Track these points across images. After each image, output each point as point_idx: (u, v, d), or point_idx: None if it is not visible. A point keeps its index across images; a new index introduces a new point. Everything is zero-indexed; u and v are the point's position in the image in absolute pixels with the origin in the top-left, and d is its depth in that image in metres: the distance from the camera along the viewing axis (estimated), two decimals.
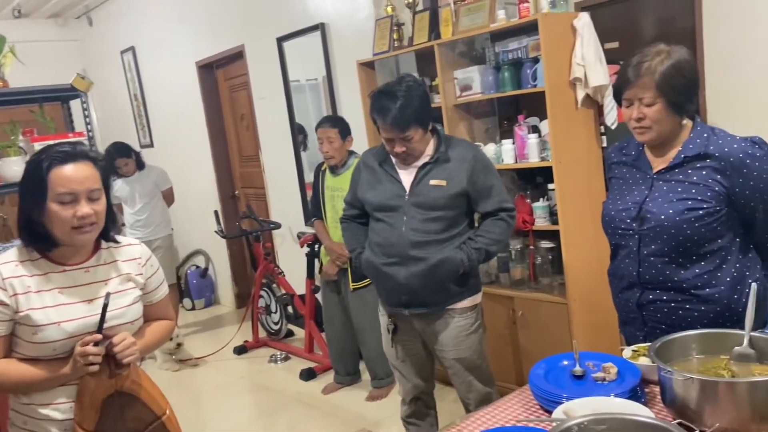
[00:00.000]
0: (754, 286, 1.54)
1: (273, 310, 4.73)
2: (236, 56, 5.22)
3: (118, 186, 4.82)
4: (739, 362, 1.47)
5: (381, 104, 2.24)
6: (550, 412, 1.52)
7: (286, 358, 4.50)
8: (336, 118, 3.65)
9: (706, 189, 1.68)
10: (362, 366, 3.88)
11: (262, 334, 4.87)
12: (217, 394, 4.17)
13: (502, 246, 2.49)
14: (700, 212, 1.68)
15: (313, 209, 3.72)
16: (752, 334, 1.48)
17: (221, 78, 5.66)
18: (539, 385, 1.62)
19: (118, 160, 4.72)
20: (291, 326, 4.81)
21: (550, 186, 3.05)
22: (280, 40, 4.63)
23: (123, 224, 4.99)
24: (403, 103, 2.20)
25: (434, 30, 3.28)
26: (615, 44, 3.98)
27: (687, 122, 1.77)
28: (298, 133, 4.75)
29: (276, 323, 4.75)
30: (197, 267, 6.21)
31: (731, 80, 3.65)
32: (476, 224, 2.47)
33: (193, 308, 6.12)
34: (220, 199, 5.80)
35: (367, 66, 3.68)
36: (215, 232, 5.02)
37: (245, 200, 5.71)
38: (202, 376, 4.51)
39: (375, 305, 3.58)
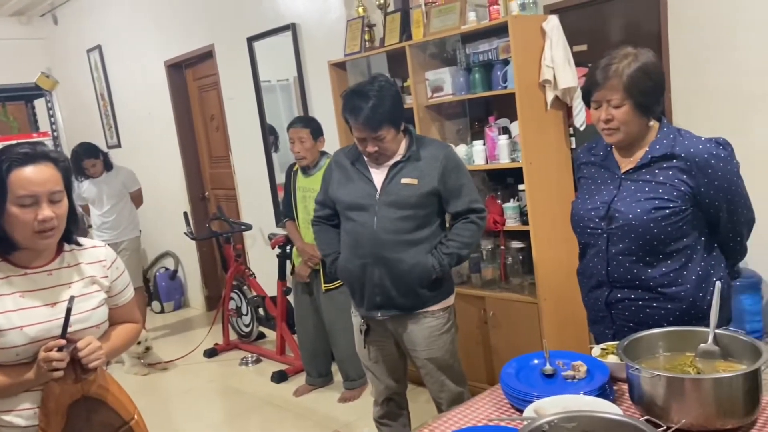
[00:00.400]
0: (718, 284, 1.58)
1: (244, 312, 4.68)
2: (206, 56, 5.15)
3: (86, 187, 4.72)
4: (704, 359, 1.50)
5: (353, 104, 2.23)
6: (521, 411, 1.53)
7: (258, 361, 4.46)
8: (308, 118, 3.63)
9: (673, 189, 1.72)
10: (334, 367, 3.86)
11: (232, 336, 4.82)
12: (187, 398, 4.11)
13: (474, 248, 2.50)
14: (667, 211, 1.71)
15: (285, 210, 3.69)
16: (716, 331, 1.52)
17: (190, 78, 5.59)
18: (510, 384, 1.63)
19: (85, 160, 4.63)
20: (262, 328, 4.77)
21: (521, 187, 3.08)
22: (251, 40, 4.59)
23: (90, 226, 4.89)
24: (375, 102, 2.19)
25: (405, 31, 3.29)
26: (583, 47, 4.05)
27: (654, 123, 1.80)
28: (269, 134, 4.71)
29: (247, 325, 4.71)
30: (166, 269, 6.12)
31: (696, 83, 3.73)
32: (447, 224, 2.48)
33: (162, 311, 6.03)
34: (190, 201, 5.72)
35: (339, 66, 3.67)
36: (185, 233, 4.95)
37: (215, 201, 5.64)
38: (171, 379, 4.44)
39: (347, 306, 3.56)
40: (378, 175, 2.33)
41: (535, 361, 1.76)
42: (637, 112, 1.73)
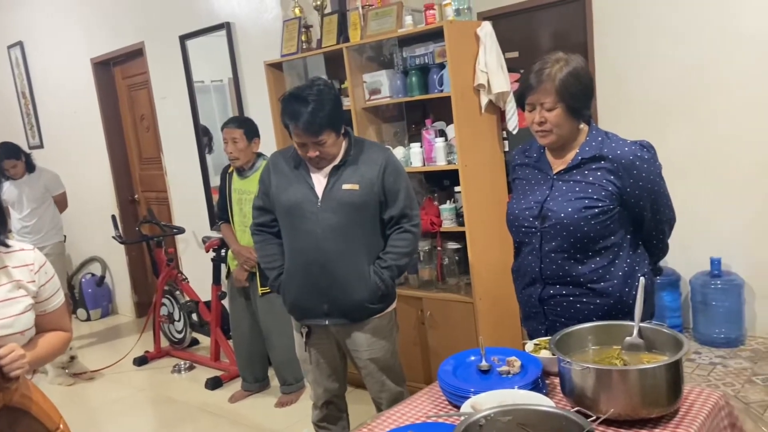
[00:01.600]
0: (642, 279, 1.66)
1: (176, 318, 4.54)
2: (135, 54, 4.99)
3: (6, 189, 4.48)
4: (630, 351, 1.57)
5: (292, 108, 2.18)
6: (458, 407, 1.56)
7: (191, 368, 4.34)
8: (242, 118, 3.57)
9: (601, 189, 1.79)
10: (271, 372, 3.80)
11: (164, 343, 4.67)
12: (116, 408, 3.95)
13: (412, 257, 2.48)
14: (596, 210, 1.78)
15: (220, 212, 3.62)
16: (641, 325, 1.59)
17: (119, 76, 5.40)
18: (447, 381, 1.65)
19: (5, 161, 4.41)
20: (196, 334, 4.64)
21: (457, 188, 3.14)
22: (183, 39, 4.47)
23: (10, 230, 4.62)
24: (314, 107, 2.15)
25: (343, 33, 3.29)
26: (515, 54, 4.18)
27: (583, 126, 1.87)
28: (202, 135, 4.61)
29: (179, 332, 4.57)
30: (93, 275, 5.88)
31: (619, 90, 3.92)
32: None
33: (88, 319, 5.78)
34: (119, 203, 5.52)
35: (275, 67, 3.63)
36: (113, 237, 4.78)
37: (146, 204, 5.46)
38: (98, 390, 4.26)
39: (284, 309, 3.53)
40: (319, 181, 2.29)
41: (472, 358, 1.79)
42: (568, 115, 1.79)
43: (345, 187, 2.26)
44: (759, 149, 3.49)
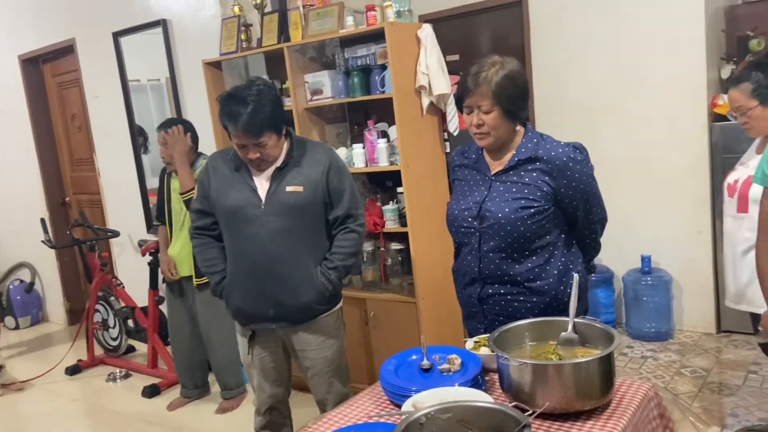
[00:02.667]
0: (576, 277, 1.71)
1: (111, 324, 4.38)
2: (66, 50, 4.80)
3: None
4: (565, 347, 1.62)
5: (231, 109, 2.12)
6: (400, 407, 1.57)
7: (127, 376, 4.20)
8: (179, 120, 3.47)
9: (536, 189, 1.84)
10: (211, 378, 3.72)
11: (98, 351, 4.50)
12: (47, 420, 3.77)
13: (358, 257, 2.45)
14: (532, 210, 1.82)
15: (158, 214, 3.51)
16: (575, 320, 1.64)
17: (49, 74, 5.18)
18: (389, 381, 1.66)
19: None
20: (132, 341, 4.50)
21: (399, 189, 3.15)
22: (117, 35, 4.33)
23: None
24: (254, 108, 2.09)
25: (284, 32, 3.26)
26: (456, 57, 4.25)
27: (520, 128, 1.92)
28: (138, 135, 4.47)
29: (115, 339, 4.42)
30: (21, 281, 5.60)
31: (555, 93, 4.04)
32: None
33: (16, 327, 5.51)
34: (48, 206, 5.29)
35: (214, 66, 3.56)
36: (42, 242, 4.57)
37: (78, 207, 5.25)
38: (29, 401, 4.06)
39: (224, 312, 3.45)
40: (261, 184, 2.24)
41: (413, 357, 1.80)
42: (505, 117, 1.83)
43: (289, 189, 2.21)
44: (686, 150, 3.66)
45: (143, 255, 3.94)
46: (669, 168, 3.72)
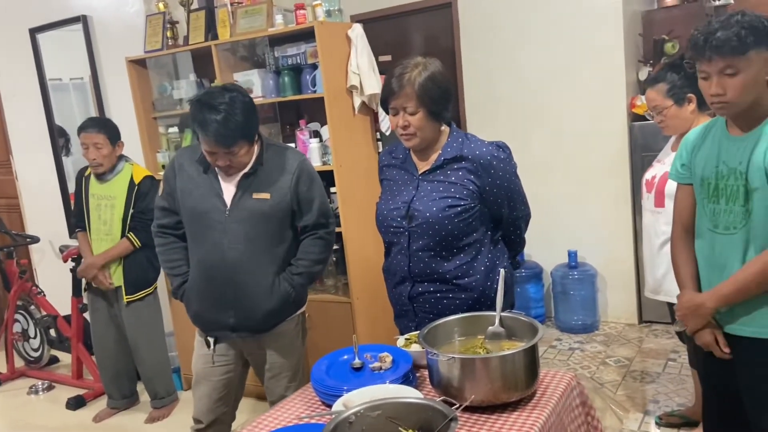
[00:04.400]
0: (502, 272, 1.74)
1: (32, 335, 4.17)
2: None
3: None
4: (492, 340, 1.65)
5: (202, 116, 2.01)
6: (331, 407, 1.56)
7: (50, 388, 4.00)
8: (102, 121, 3.33)
9: (463, 188, 1.87)
10: (140, 387, 3.59)
11: (19, 363, 4.27)
12: None
13: (326, 264, 2.38)
14: (458, 209, 1.85)
15: (76, 220, 3.35)
16: (502, 314, 1.68)
17: None
18: (320, 381, 1.65)
19: None
20: (55, 352, 4.29)
21: (332, 189, 3.14)
22: (34, 32, 4.12)
23: None
24: (225, 116, 1.98)
25: (211, 30, 3.18)
26: (388, 57, 4.28)
27: (445, 128, 1.95)
28: (58, 137, 4.27)
29: (36, 350, 4.20)
30: None
31: (485, 95, 4.14)
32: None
33: None
34: None
35: (139, 64, 3.44)
36: None
37: None
38: None
39: (152, 320, 3.35)
40: (228, 189, 2.15)
41: (345, 357, 1.80)
42: (430, 118, 1.86)
43: (256, 196, 2.14)
44: (608, 149, 3.83)
45: (65, 261, 3.76)
46: (593, 166, 3.88)
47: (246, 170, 2.15)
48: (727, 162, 1.66)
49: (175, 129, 3.52)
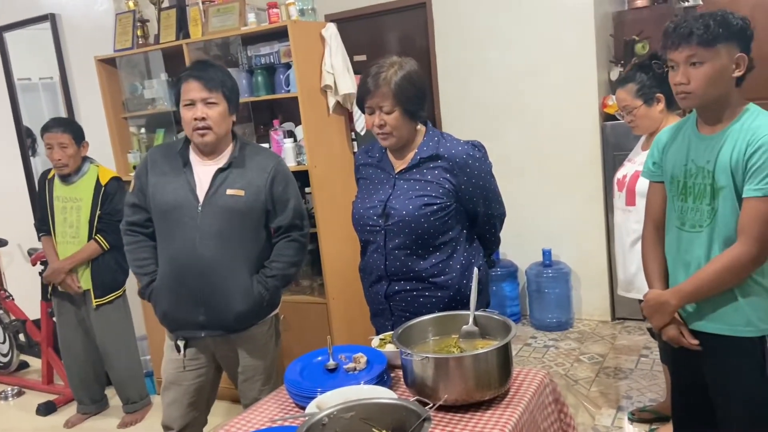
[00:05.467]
0: (476, 271, 1.75)
1: (0, 340, 4.07)
2: None
3: None
4: (466, 339, 1.66)
5: (193, 65, 2.16)
6: (305, 409, 1.54)
7: (20, 393, 3.91)
8: (66, 121, 3.26)
9: (439, 186, 1.87)
10: (111, 391, 3.52)
11: None
12: None
13: (300, 267, 2.37)
14: (435, 207, 1.86)
15: (39, 224, 3.27)
16: (476, 313, 1.68)
17: None
18: (294, 383, 1.63)
19: None
20: (25, 357, 4.20)
21: (307, 190, 3.12)
22: (1, 30, 4.04)
23: None
24: (217, 70, 2.12)
25: (183, 29, 3.15)
26: (363, 57, 4.27)
27: (421, 127, 1.95)
28: (26, 137, 4.18)
29: (5, 355, 4.11)
30: None
31: (460, 94, 4.15)
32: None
33: None
34: None
35: (109, 63, 3.38)
36: None
37: None
38: None
39: (122, 323, 3.30)
40: (201, 184, 2.13)
41: (319, 358, 1.79)
42: (406, 117, 1.86)
43: (229, 192, 2.11)
44: (581, 149, 3.87)
45: (33, 264, 3.68)
46: (566, 165, 3.91)
47: (221, 165, 2.14)
48: (695, 161, 1.68)
49: (145, 129, 3.47)
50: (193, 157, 2.18)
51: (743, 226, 1.58)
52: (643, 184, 2.37)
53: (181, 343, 2.22)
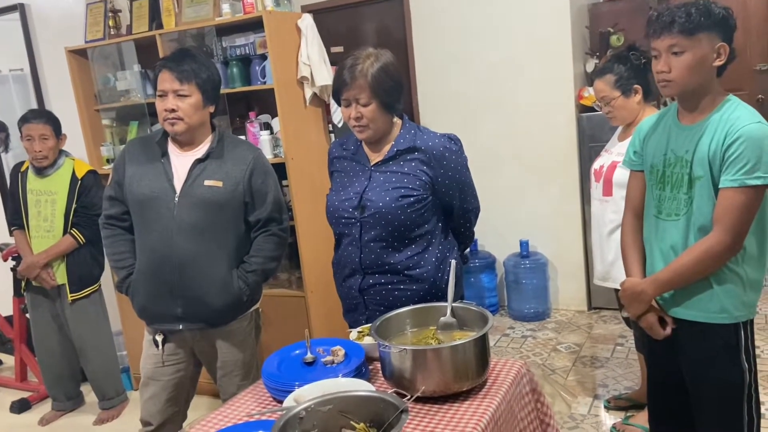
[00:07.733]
0: (453, 262, 1.75)
1: None
2: None
3: None
4: (444, 331, 1.66)
5: (171, 54, 2.11)
6: (282, 403, 1.54)
7: None
8: (46, 112, 3.22)
9: (415, 179, 1.87)
10: (86, 388, 3.48)
11: None
12: None
13: (280, 261, 2.34)
14: (411, 199, 1.85)
15: (12, 218, 3.21)
16: (453, 305, 1.68)
17: None
18: (271, 377, 1.62)
19: None
20: None
21: (284, 182, 3.10)
22: None
23: None
24: (193, 59, 2.07)
25: (156, 19, 3.10)
26: (340, 48, 4.24)
27: (397, 120, 1.94)
28: None
29: None
30: None
31: (438, 87, 4.15)
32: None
33: None
34: None
35: (80, 54, 3.31)
36: None
37: None
38: None
39: (98, 318, 3.25)
40: (179, 174, 2.11)
41: (296, 352, 1.78)
42: (382, 109, 1.85)
43: (207, 183, 2.09)
44: (557, 140, 3.89)
45: (5, 260, 3.60)
46: (542, 157, 3.94)
47: (199, 156, 2.12)
48: (675, 150, 1.70)
49: (118, 121, 3.41)
50: (171, 147, 2.16)
51: (718, 216, 1.60)
52: (620, 175, 2.39)
53: (159, 339, 2.20)
